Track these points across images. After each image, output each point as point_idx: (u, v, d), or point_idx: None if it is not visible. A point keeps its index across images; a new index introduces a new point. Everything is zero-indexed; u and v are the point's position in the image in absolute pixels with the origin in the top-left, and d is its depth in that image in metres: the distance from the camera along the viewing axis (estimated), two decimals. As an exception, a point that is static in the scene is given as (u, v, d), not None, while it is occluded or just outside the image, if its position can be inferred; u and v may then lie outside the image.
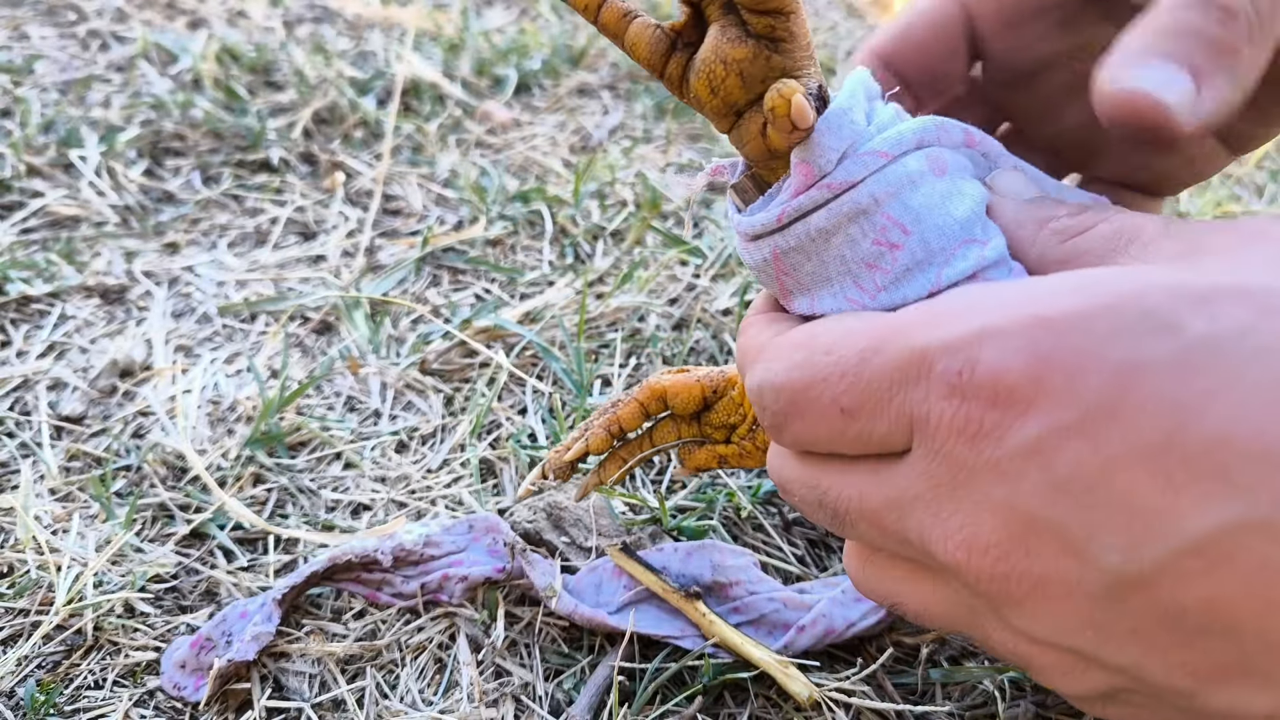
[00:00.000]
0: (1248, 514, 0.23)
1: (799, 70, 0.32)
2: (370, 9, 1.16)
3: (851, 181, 0.31)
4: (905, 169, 0.31)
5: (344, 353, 0.69)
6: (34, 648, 0.50)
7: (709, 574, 0.51)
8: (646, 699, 0.48)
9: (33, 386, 0.65)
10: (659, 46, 0.33)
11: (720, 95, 0.33)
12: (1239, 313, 0.24)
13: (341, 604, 0.53)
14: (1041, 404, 0.25)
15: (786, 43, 0.32)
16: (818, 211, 0.32)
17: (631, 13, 0.34)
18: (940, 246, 0.31)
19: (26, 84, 0.94)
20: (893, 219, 0.31)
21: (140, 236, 0.80)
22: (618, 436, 0.51)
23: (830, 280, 0.33)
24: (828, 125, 0.32)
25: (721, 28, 0.32)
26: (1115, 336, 0.24)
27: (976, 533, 0.27)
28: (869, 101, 0.33)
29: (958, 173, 0.33)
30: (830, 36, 1.31)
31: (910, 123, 0.33)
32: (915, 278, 0.32)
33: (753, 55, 0.32)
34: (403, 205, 0.85)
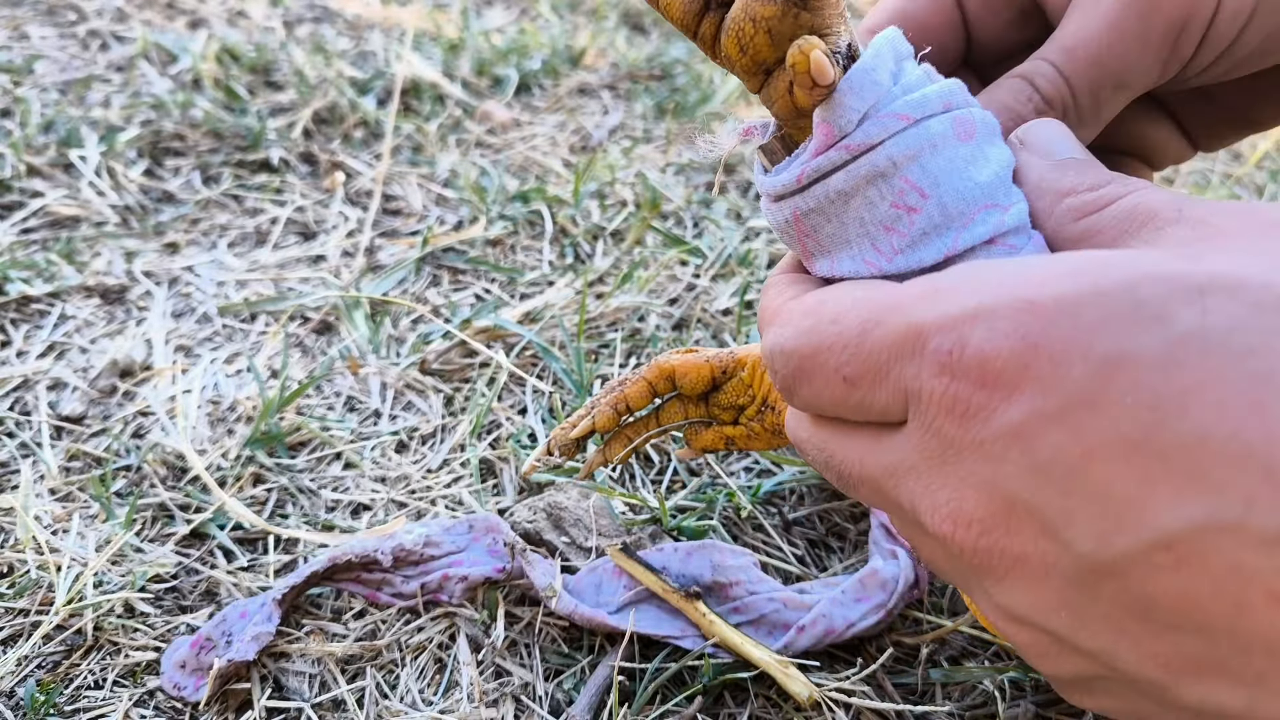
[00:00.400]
0: (1219, 514, 0.23)
1: (828, 28, 0.32)
2: (370, 9, 1.16)
3: (870, 143, 0.31)
4: (927, 132, 0.31)
5: (344, 353, 0.69)
6: (34, 648, 0.50)
7: (709, 574, 0.51)
8: (646, 699, 0.48)
9: (33, 386, 0.65)
10: (692, 6, 0.33)
11: (749, 53, 0.33)
12: (1232, 307, 0.24)
13: (341, 604, 0.53)
14: (1026, 388, 0.25)
15: (815, 1, 0.32)
16: (837, 173, 0.32)
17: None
18: (959, 211, 0.31)
19: (26, 84, 0.94)
20: (910, 182, 0.31)
21: (140, 236, 0.80)
22: (624, 415, 0.50)
23: (849, 242, 0.33)
24: (850, 85, 0.31)
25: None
26: (1103, 325, 0.25)
27: (961, 507, 0.27)
28: (898, 62, 0.33)
29: (987, 137, 0.33)
30: (830, 36, 1.31)
31: (937, 85, 0.33)
32: (931, 241, 0.32)
33: (781, 12, 0.32)
34: (403, 205, 0.85)
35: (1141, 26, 0.34)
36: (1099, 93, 0.35)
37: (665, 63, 1.14)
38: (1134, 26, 0.34)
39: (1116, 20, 0.34)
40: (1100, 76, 0.35)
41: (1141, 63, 0.34)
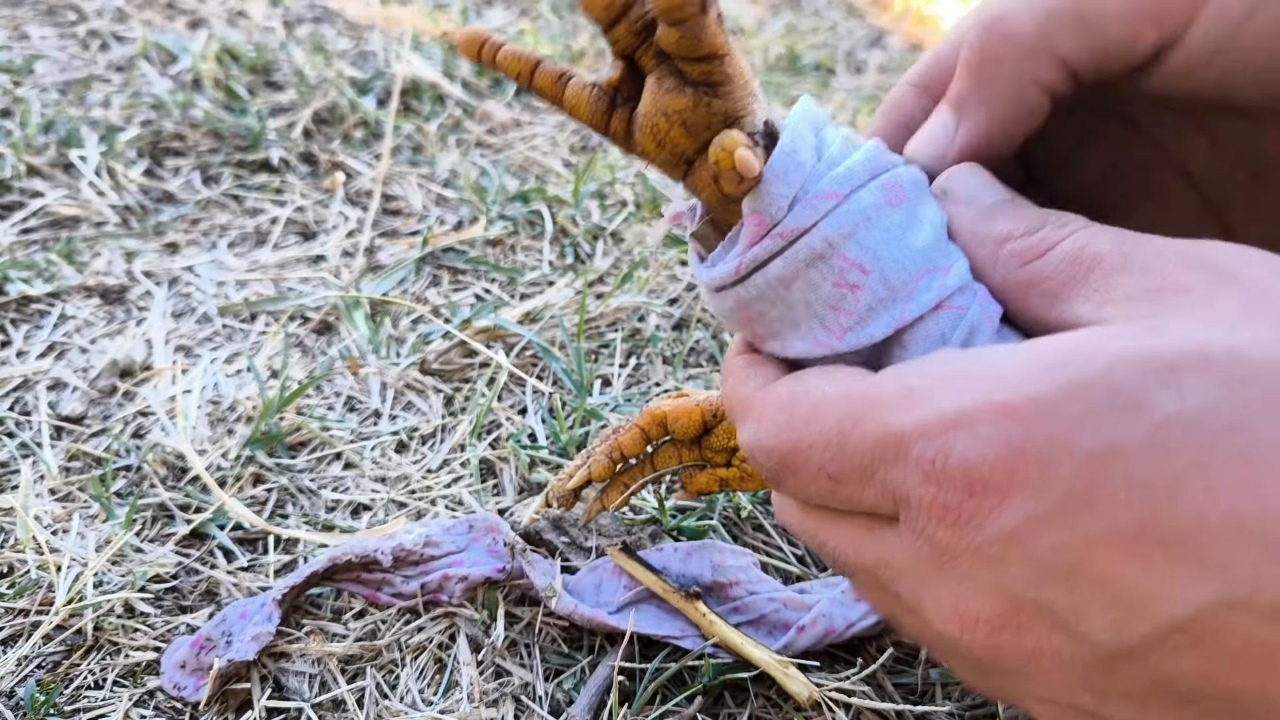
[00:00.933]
0: (1227, 593, 0.24)
1: (742, 111, 0.32)
2: (370, 9, 1.16)
3: (803, 227, 0.31)
4: (859, 206, 0.31)
5: (344, 353, 0.69)
6: (34, 648, 0.50)
7: (709, 574, 0.51)
8: (646, 699, 0.48)
9: (33, 386, 0.65)
10: (599, 105, 0.33)
11: (667, 148, 0.32)
12: (1206, 386, 0.24)
13: (341, 604, 0.53)
14: (1017, 494, 0.25)
15: (724, 85, 0.31)
16: (774, 260, 0.31)
17: (566, 73, 0.33)
18: (902, 281, 0.31)
19: (26, 84, 0.94)
20: (850, 260, 0.31)
21: (140, 236, 0.80)
22: (619, 463, 0.51)
23: (798, 324, 0.32)
24: (774, 173, 0.31)
25: (658, 79, 0.31)
26: (1085, 421, 0.25)
27: (967, 607, 0.27)
28: (817, 133, 0.32)
29: (917, 196, 0.32)
30: (830, 36, 1.32)
31: (860, 151, 0.32)
32: (880, 315, 0.31)
33: (693, 104, 0.31)
34: (403, 205, 0.85)
35: None
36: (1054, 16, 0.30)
37: None
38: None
39: None
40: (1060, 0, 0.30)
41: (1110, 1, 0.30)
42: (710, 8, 0.30)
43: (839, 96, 1.16)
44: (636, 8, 0.31)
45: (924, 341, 0.31)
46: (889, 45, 1.34)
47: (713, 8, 0.30)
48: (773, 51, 1.24)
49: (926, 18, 1.46)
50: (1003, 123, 0.32)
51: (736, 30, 1.28)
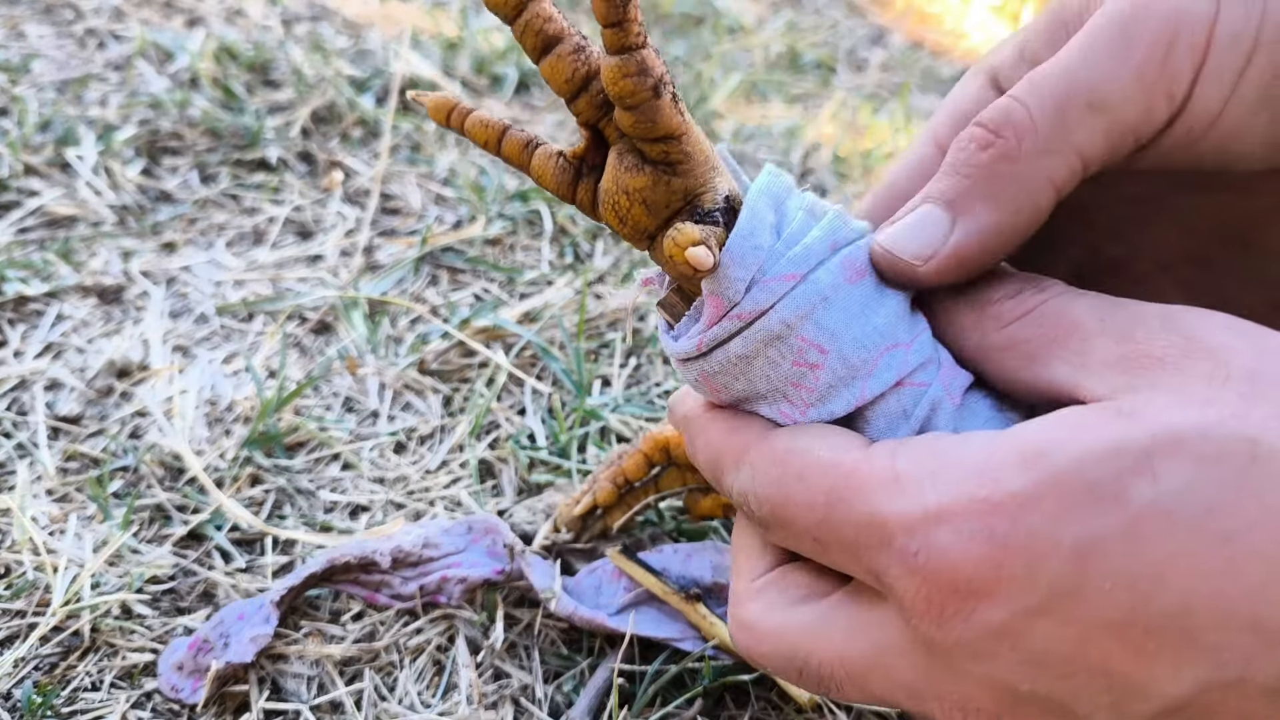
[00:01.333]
0: (1219, 675, 0.24)
1: (702, 187, 0.31)
2: (369, 7, 1.16)
3: (761, 309, 0.31)
4: (817, 286, 0.31)
5: (342, 353, 0.69)
6: (31, 649, 0.50)
7: (709, 575, 0.51)
8: (646, 701, 0.48)
9: (29, 387, 0.65)
10: (564, 176, 0.33)
11: (629, 224, 0.32)
12: (1179, 470, 0.24)
13: (340, 605, 0.53)
14: (1003, 591, 0.26)
15: (683, 164, 0.31)
16: (734, 340, 0.32)
17: (533, 141, 0.33)
18: (861, 360, 0.31)
19: (23, 83, 0.94)
20: (808, 340, 0.31)
21: (137, 236, 0.79)
22: (623, 488, 0.52)
23: (763, 395, 0.33)
24: (731, 257, 0.31)
25: (619, 154, 0.32)
26: (1065, 515, 0.25)
27: (966, 698, 0.28)
28: (778, 208, 0.32)
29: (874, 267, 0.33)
30: (831, 34, 1.31)
31: (820, 226, 0.32)
32: (840, 393, 0.32)
33: (652, 182, 0.31)
34: (401, 204, 0.85)
35: (1120, 37, 0.29)
36: (1067, 108, 0.30)
37: (665, 61, 1.14)
38: (1110, 36, 0.30)
39: (1094, 33, 0.30)
40: (1068, 89, 0.30)
41: (1121, 81, 0.29)
42: (663, 91, 0.30)
43: (840, 94, 1.15)
44: (597, 81, 0.31)
45: (885, 417, 0.32)
46: (890, 43, 1.34)
47: (665, 91, 0.30)
48: (773, 49, 1.23)
49: (928, 15, 1.46)
50: (1011, 226, 0.31)
51: (737, 28, 1.28)
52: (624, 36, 0.29)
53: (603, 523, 0.54)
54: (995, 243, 0.31)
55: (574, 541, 0.54)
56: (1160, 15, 0.29)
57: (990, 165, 0.30)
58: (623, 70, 0.29)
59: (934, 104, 1.20)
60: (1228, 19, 0.29)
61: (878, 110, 1.14)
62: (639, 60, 0.29)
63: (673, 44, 1.19)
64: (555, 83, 0.31)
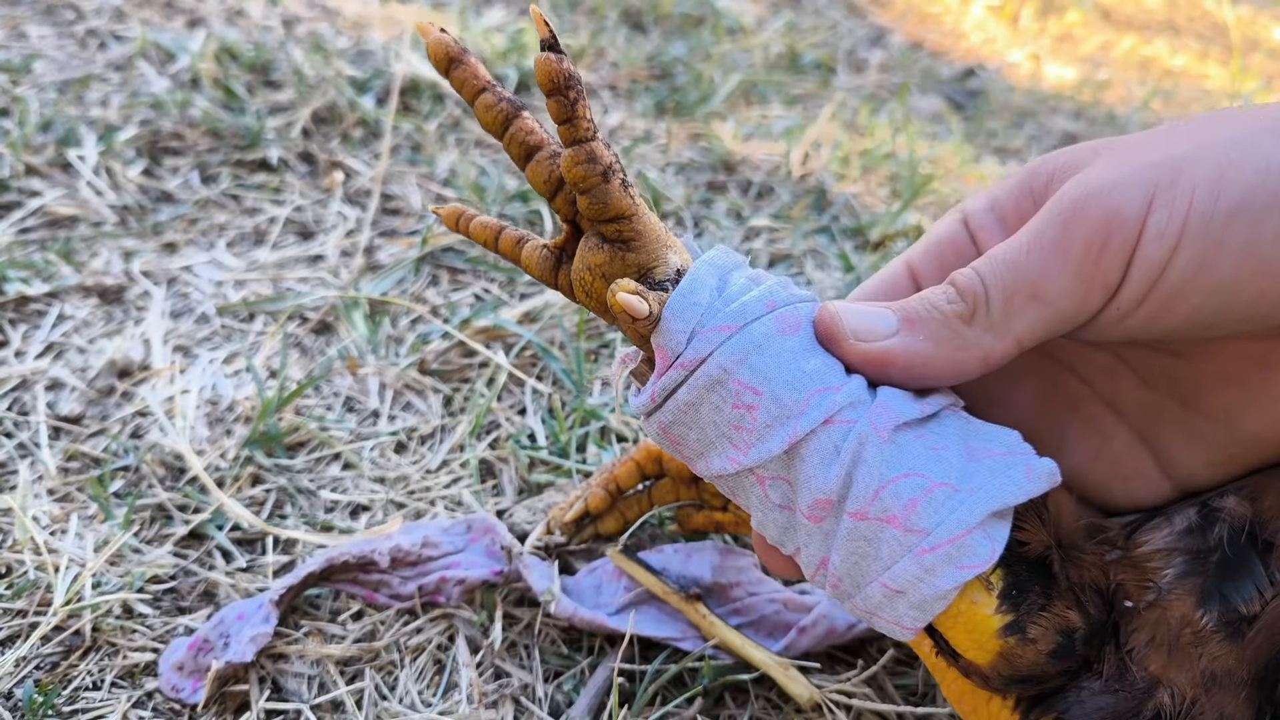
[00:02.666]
0: None
1: (654, 262, 0.36)
2: (369, 8, 1.16)
3: (700, 357, 0.34)
4: (750, 335, 0.34)
5: (343, 353, 0.69)
6: (32, 649, 0.50)
7: (709, 575, 0.51)
8: (646, 700, 0.48)
9: (31, 387, 0.65)
10: (547, 264, 0.37)
11: (594, 297, 0.36)
12: None
13: (340, 605, 0.53)
14: None
15: (635, 241, 0.35)
16: (680, 388, 0.35)
17: (524, 238, 0.38)
18: (793, 400, 0.34)
19: (25, 83, 0.94)
20: (743, 383, 0.34)
21: (138, 236, 0.79)
22: (615, 495, 0.54)
23: (712, 443, 0.36)
24: (672, 311, 0.35)
25: (586, 238, 0.36)
26: None
27: None
28: (721, 277, 0.35)
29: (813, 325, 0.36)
30: (831, 35, 1.31)
31: (759, 289, 0.35)
32: (775, 432, 0.34)
33: (609, 258, 0.35)
34: (402, 204, 0.85)
35: (1062, 235, 0.33)
36: (1011, 299, 0.34)
37: (665, 62, 1.14)
38: (1054, 234, 0.33)
39: (1038, 229, 0.34)
40: (1015, 280, 0.34)
41: (1061, 276, 0.33)
42: (611, 177, 0.34)
43: (840, 95, 1.16)
44: None
45: (818, 454, 0.34)
46: (890, 44, 1.34)
47: (614, 176, 0.34)
48: (773, 50, 1.24)
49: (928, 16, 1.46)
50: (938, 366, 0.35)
51: (737, 29, 1.28)
52: (574, 131, 0.34)
53: (594, 528, 0.54)
54: (921, 368, 0.35)
55: (566, 545, 0.54)
56: (1097, 216, 0.32)
57: (946, 316, 0.35)
58: (574, 159, 0.34)
59: (933, 104, 1.20)
60: (1156, 220, 0.32)
61: (877, 110, 1.14)
62: (588, 150, 0.34)
63: (673, 44, 1.19)
64: (536, 183, 0.36)
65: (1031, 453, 0.35)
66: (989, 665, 0.36)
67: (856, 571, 0.34)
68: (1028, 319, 0.34)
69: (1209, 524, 0.37)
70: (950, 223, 0.40)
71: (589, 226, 0.36)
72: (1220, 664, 0.35)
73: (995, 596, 0.34)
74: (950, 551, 0.33)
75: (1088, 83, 1.35)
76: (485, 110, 0.36)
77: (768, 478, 0.35)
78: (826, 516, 0.34)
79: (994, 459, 0.34)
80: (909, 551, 0.33)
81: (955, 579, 0.33)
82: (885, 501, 0.33)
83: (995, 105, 1.23)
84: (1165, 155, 0.33)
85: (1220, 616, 0.35)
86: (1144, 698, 0.35)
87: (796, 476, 0.35)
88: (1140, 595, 0.36)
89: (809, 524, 0.35)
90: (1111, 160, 0.34)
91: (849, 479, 0.34)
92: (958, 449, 0.34)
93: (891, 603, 0.34)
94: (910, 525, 0.33)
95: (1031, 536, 0.35)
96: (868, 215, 0.89)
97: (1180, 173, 0.32)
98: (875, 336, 0.35)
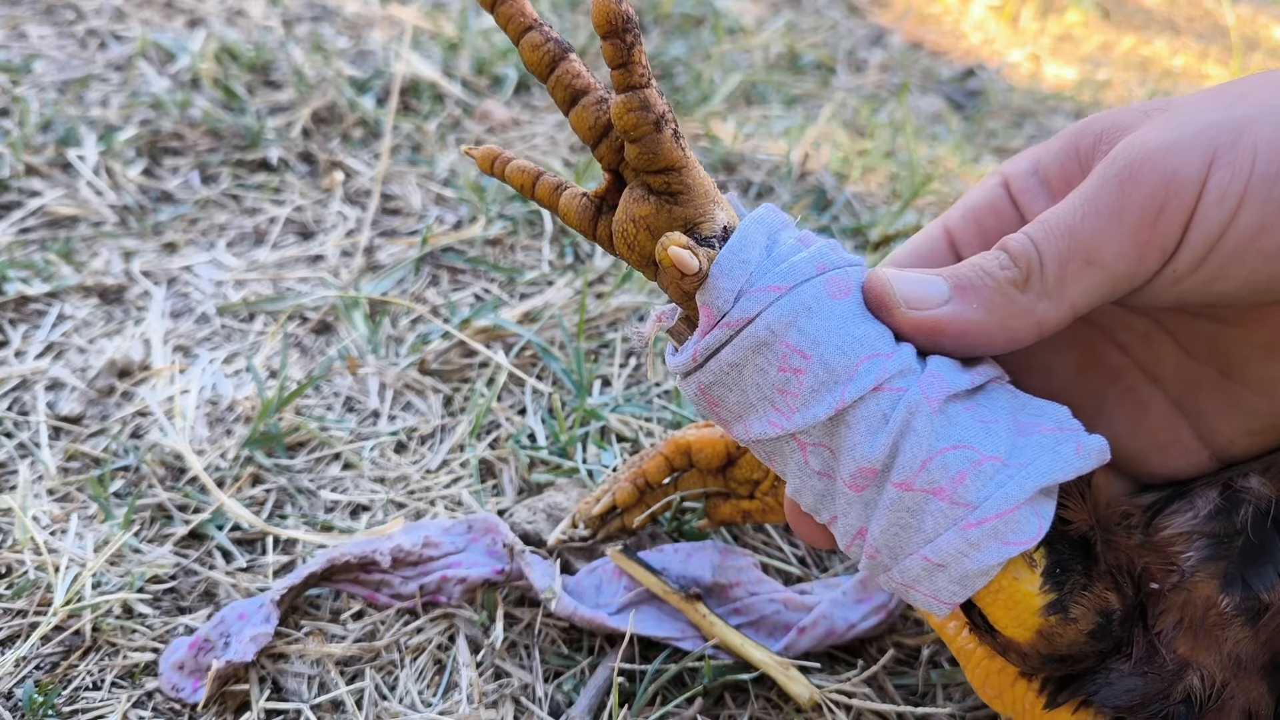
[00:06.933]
0: None
1: (701, 218, 0.34)
2: (369, 8, 1.16)
3: (748, 317, 0.33)
4: (800, 298, 0.33)
5: (343, 353, 0.69)
6: (32, 649, 0.50)
7: (709, 575, 0.51)
8: (647, 700, 0.48)
9: (31, 386, 0.65)
10: (586, 213, 0.36)
11: (636, 250, 0.35)
12: None
13: (340, 605, 0.53)
14: None
15: (684, 194, 0.34)
16: (725, 348, 0.34)
17: (562, 185, 0.37)
18: (842, 366, 0.33)
19: (25, 83, 0.94)
20: (791, 346, 0.33)
21: (138, 236, 0.79)
22: (643, 489, 0.53)
23: (753, 406, 0.35)
24: (720, 268, 0.34)
25: (630, 189, 0.35)
26: None
27: None
28: (771, 236, 0.35)
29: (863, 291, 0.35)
30: (831, 35, 1.31)
31: (809, 250, 0.34)
32: (822, 397, 0.33)
33: (655, 210, 0.34)
34: (402, 205, 0.85)
35: (1118, 198, 0.32)
36: (1066, 264, 0.33)
37: (665, 61, 1.14)
38: (1109, 197, 0.32)
39: (1092, 192, 0.33)
40: (1070, 246, 0.33)
41: (1117, 240, 0.32)
42: (664, 127, 0.33)
43: (839, 95, 1.16)
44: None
45: (865, 421, 0.33)
46: (890, 44, 1.34)
47: (666, 126, 0.33)
48: (773, 50, 1.24)
49: (928, 16, 1.46)
50: (990, 334, 0.34)
51: (736, 29, 1.28)
52: (629, 76, 0.33)
53: (620, 521, 0.54)
54: (973, 337, 0.34)
55: (591, 539, 0.54)
56: (1154, 178, 0.32)
57: (1002, 282, 0.34)
58: (627, 105, 0.33)
59: (933, 104, 1.20)
60: (1216, 182, 0.31)
61: (877, 111, 1.14)
62: (642, 97, 0.33)
63: (673, 44, 1.19)
64: (580, 129, 0.35)
65: (1081, 429, 0.34)
66: (1028, 643, 0.35)
67: (896, 543, 0.34)
68: (1083, 285, 0.33)
69: (1233, 506, 0.36)
70: (990, 186, 0.39)
71: (634, 177, 0.35)
72: (1243, 648, 0.35)
73: (1039, 574, 0.34)
74: (997, 527, 0.32)
75: (1088, 83, 1.35)
76: (531, 50, 0.34)
77: (809, 443, 0.34)
78: (869, 485, 0.34)
79: (1044, 434, 0.34)
80: (954, 525, 0.33)
81: (1000, 555, 0.33)
82: (933, 473, 0.33)
83: (995, 105, 1.23)
84: (1225, 116, 0.32)
85: (1242, 602, 0.35)
86: (1173, 680, 0.35)
87: (840, 443, 0.34)
88: (1165, 578, 0.36)
89: (849, 492, 0.34)
90: (1166, 121, 0.33)
91: (895, 448, 0.33)
92: (1007, 423, 0.33)
93: (931, 576, 0.34)
94: (957, 498, 0.32)
95: (1075, 515, 0.35)
96: (868, 215, 0.89)
97: (1241, 133, 0.31)
98: (927, 304, 0.34)
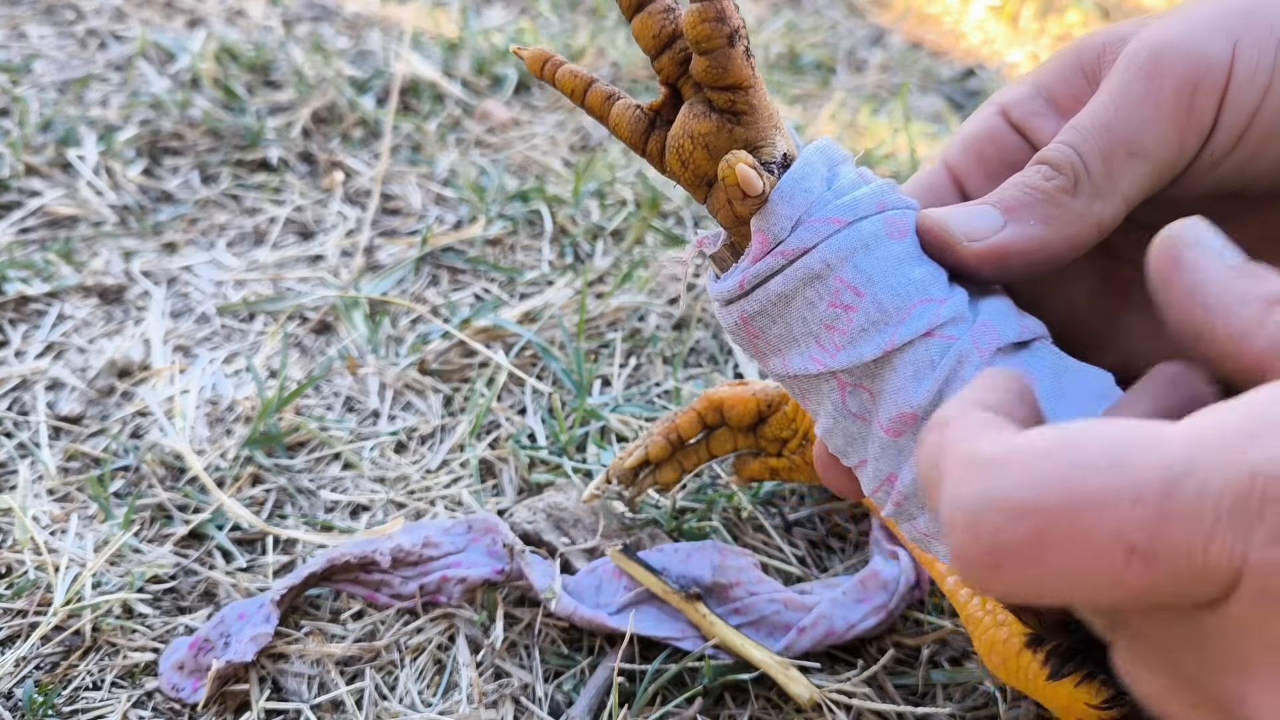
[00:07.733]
0: None
1: (762, 140, 0.34)
2: (369, 7, 1.16)
3: (804, 248, 0.33)
4: (859, 233, 0.33)
5: (343, 353, 0.69)
6: (32, 649, 0.50)
7: (709, 575, 0.51)
8: (646, 700, 0.48)
9: (31, 386, 0.65)
10: (639, 126, 0.35)
11: (690, 168, 0.34)
12: None
13: (340, 605, 0.53)
14: None
15: (748, 115, 0.33)
16: (775, 277, 0.33)
17: (614, 95, 0.36)
18: (895, 307, 0.33)
19: (25, 83, 0.94)
20: (845, 282, 0.33)
21: (138, 236, 0.79)
22: (676, 445, 0.54)
23: (796, 340, 0.34)
24: (781, 194, 0.33)
25: (690, 105, 0.34)
26: None
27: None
28: (831, 168, 0.34)
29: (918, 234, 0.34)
30: (831, 35, 1.31)
31: (870, 186, 0.34)
32: (871, 337, 0.33)
33: (716, 129, 0.33)
34: (402, 205, 0.85)
35: (1149, 86, 0.32)
36: (1110, 160, 0.32)
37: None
38: (1140, 88, 0.32)
39: (1122, 85, 0.33)
40: (1110, 141, 0.33)
41: (1156, 126, 0.32)
42: (737, 42, 0.32)
43: (839, 95, 1.16)
44: (680, 40, 0.34)
45: (913, 364, 0.33)
46: (890, 44, 1.34)
47: (740, 42, 0.32)
48: (773, 50, 1.24)
49: (928, 16, 1.46)
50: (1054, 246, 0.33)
51: (736, 29, 1.28)
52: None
53: (652, 477, 0.54)
54: (1039, 253, 0.33)
55: (623, 493, 0.55)
56: (1182, 63, 0.31)
57: (1051, 192, 0.33)
58: (702, 15, 0.32)
59: (933, 104, 1.20)
60: (1245, 60, 0.31)
61: (877, 110, 1.14)
62: (718, 8, 0.32)
63: (673, 44, 1.19)
64: (644, 38, 0.34)
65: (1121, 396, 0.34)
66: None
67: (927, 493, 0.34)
68: (1130, 176, 0.33)
69: None
70: (986, 116, 0.39)
71: (694, 93, 0.34)
72: None
73: None
74: None
75: (1088, 83, 1.35)
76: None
77: (849, 383, 0.34)
78: (906, 431, 0.33)
79: (1086, 397, 0.33)
80: None
81: None
82: None
83: (995, 105, 1.23)
84: (1231, 4, 0.32)
85: None
86: None
87: (882, 386, 0.33)
88: None
89: (885, 437, 0.33)
90: (1175, 16, 0.33)
91: (940, 396, 0.32)
92: (1050, 383, 0.33)
93: None
94: None
95: None
96: (868, 215, 0.89)
97: (1254, 14, 0.31)
98: (984, 233, 0.33)
